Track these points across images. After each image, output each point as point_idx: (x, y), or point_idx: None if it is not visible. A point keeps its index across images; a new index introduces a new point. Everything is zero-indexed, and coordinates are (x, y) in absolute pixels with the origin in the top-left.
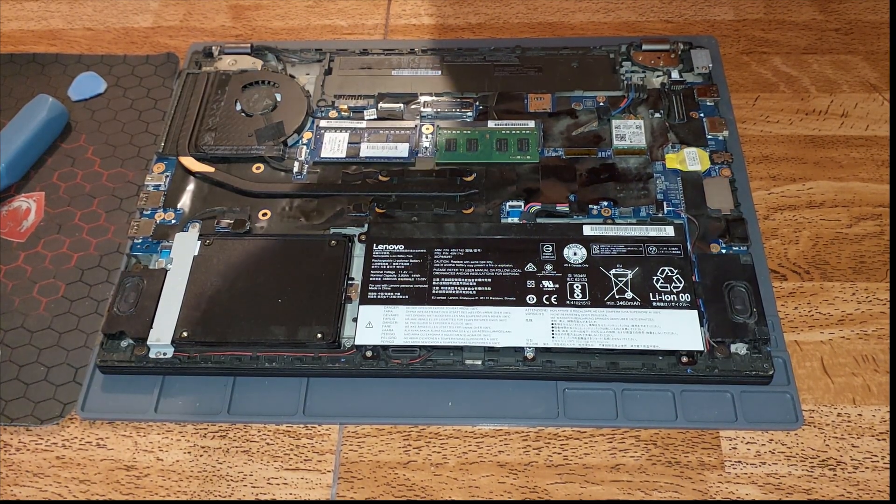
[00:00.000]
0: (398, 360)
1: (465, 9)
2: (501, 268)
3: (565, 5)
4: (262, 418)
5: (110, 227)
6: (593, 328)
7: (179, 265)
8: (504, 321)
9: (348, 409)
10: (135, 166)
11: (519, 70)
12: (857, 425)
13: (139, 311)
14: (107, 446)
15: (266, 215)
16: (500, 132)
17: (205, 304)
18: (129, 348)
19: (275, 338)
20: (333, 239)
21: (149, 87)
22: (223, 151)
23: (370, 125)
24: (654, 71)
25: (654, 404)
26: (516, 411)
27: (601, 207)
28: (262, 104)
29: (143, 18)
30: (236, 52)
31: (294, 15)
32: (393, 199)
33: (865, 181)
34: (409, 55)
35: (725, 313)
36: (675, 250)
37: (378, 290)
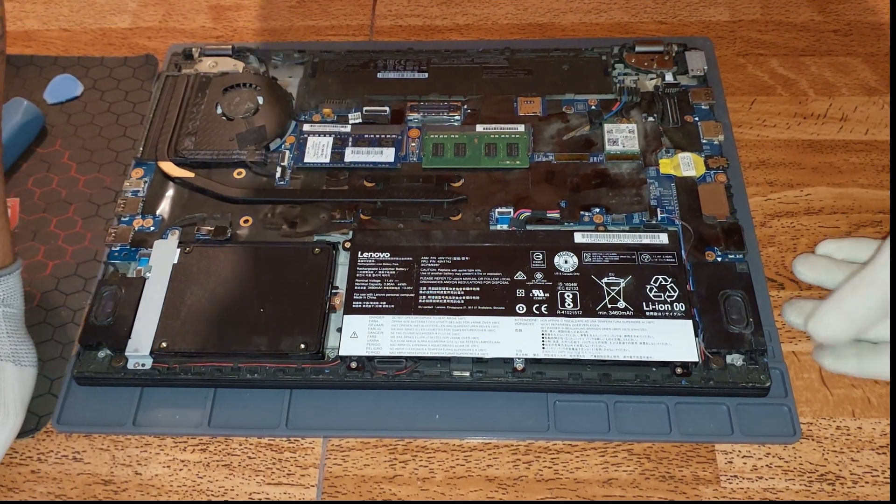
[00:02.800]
0: (384, 371)
1: (452, 9)
2: (490, 276)
3: (556, 6)
4: (243, 431)
5: (87, 234)
6: (585, 338)
7: (158, 273)
8: (493, 331)
9: (332, 421)
10: (112, 171)
11: (508, 72)
12: (856, 438)
13: (117, 321)
14: (83, 460)
15: (248, 222)
16: (488, 136)
17: (184, 314)
18: (106, 359)
19: (257, 348)
20: (317, 246)
21: (127, 89)
22: (203, 156)
23: (355, 129)
24: (647, 73)
25: (647, 417)
26: (505, 424)
27: (593, 214)
28: (243, 107)
29: (121, 19)
30: (217, 54)
31: (276, 15)
32: (378, 205)
33: (865, 187)
34: (395, 57)
35: (721, 323)
36: (669, 258)
37: (363, 299)
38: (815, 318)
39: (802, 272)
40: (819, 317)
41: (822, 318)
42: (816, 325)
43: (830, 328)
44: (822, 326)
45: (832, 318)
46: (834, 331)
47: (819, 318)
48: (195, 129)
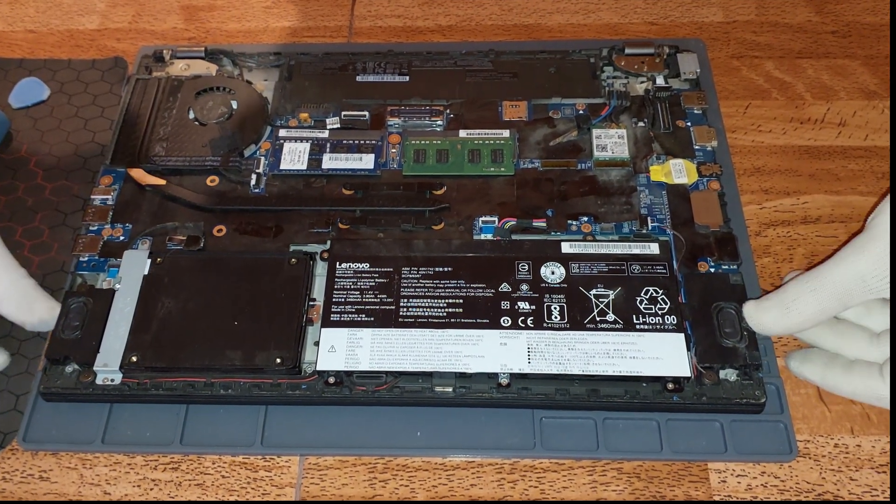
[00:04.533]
0: (363, 386)
1: (434, 10)
2: (474, 288)
3: (542, 6)
4: (216, 449)
5: (54, 244)
6: (572, 353)
7: (128, 285)
8: (476, 345)
9: (309, 439)
10: (80, 179)
11: (492, 75)
12: (855, 457)
13: (85, 335)
14: (50, 479)
15: (221, 231)
16: (472, 142)
17: (155, 327)
18: (74, 374)
19: (230, 363)
20: (293, 257)
21: (95, 93)
22: (175, 163)
23: (333, 135)
24: (637, 76)
25: (637, 434)
26: (490, 442)
27: (581, 223)
28: (216, 112)
29: (89, 20)
30: (189, 56)
31: (251, 16)
32: (357, 214)
33: (864, 195)
34: (375, 59)
35: (714, 337)
36: (660, 269)
37: (341, 311)
38: (755, 303)
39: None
40: (760, 303)
41: (762, 303)
42: (754, 310)
43: (766, 316)
44: (759, 311)
45: (770, 305)
46: (769, 320)
47: (760, 304)
48: (166, 134)
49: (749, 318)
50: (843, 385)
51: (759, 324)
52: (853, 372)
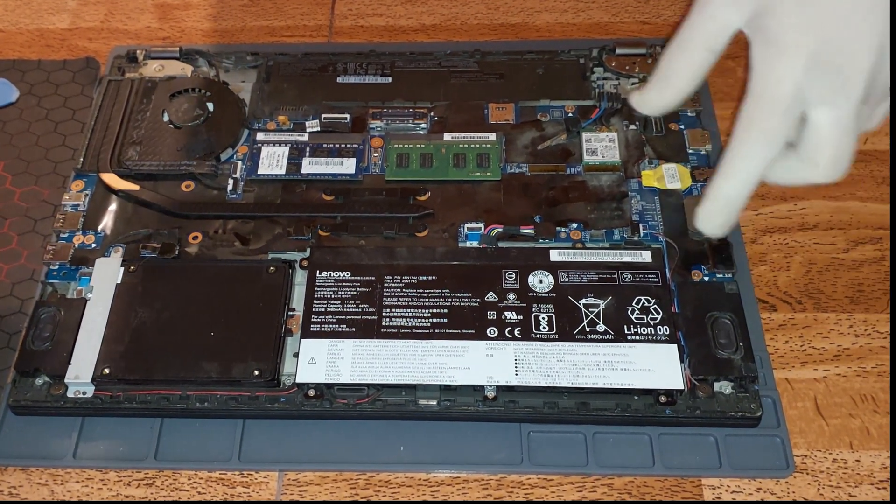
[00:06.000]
0: (344, 399)
1: (418, 8)
2: (459, 297)
3: (530, 5)
4: (192, 464)
5: (23, 252)
6: (561, 364)
7: (100, 294)
8: (462, 357)
9: (289, 454)
10: (51, 184)
11: (478, 77)
12: (854, 472)
13: (56, 346)
14: (20, 496)
15: (197, 239)
16: (457, 146)
17: (129, 338)
18: (44, 387)
19: (207, 375)
20: (272, 265)
21: (66, 95)
22: (149, 167)
23: (313, 138)
24: (628, 77)
25: (628, 449)
26: (476, 457)
27: (570, 230)
28: (192, 115)
29: (60, 19)
30: (163, 57)
31: (227, 15)
32: (338, 220)
33: (864, 200)
34: (356, 60)
35: (708, 348)
36: (652, 278)
37: (322, 321)
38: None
39: None
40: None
41: (642, 87)
42: (638, 95)
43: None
44: (642, 92)
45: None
46: (652, 96)
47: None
48: (140, 137)
49: (636, 106)
50: None
51: (642, 102)
52: None
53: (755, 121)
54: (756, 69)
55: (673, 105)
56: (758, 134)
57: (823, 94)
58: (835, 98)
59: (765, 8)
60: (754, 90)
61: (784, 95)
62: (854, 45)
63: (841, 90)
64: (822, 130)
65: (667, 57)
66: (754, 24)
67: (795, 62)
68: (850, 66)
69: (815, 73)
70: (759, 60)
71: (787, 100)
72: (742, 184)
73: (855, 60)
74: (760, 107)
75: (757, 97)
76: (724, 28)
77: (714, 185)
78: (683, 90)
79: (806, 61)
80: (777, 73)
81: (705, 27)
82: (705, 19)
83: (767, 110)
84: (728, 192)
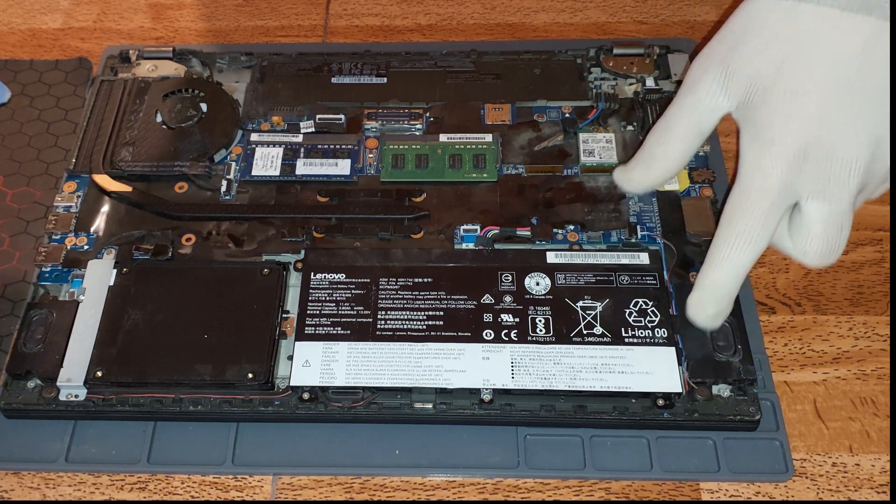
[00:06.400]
0: (339, 402)
1: (413, 8)
2: (455, 300)
3: (527, 4)
4: (185, 468)
5: (15, 254)
6: (558, 367)
7: (93, 296)
8: (458, 359)
9: (283, 457)
10: (43, 185)
11: (474, 77)
12: (854, 476)
13: (48, 348)
14: (11, 499)
15: (190, 240)
16: (453, 147)
17: (122, 340)
18: (36, 389)
19: (200, 378)
20: (266, 267)
21: (58, 95)
22: (142, 168)
23: (307, 139)
24: (626, 78)
25: (626, 452)
26: (472, 460)
27: (567, 232)
28: (185, 115)
29: (52, 18)
30: (156, 57)
31: (221, 15)
32: (333, 222)
33: (865, 201)
34: (351, 60)
35: (706, 350)
36: (650, 280)
37: (316, 324)
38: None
39: None
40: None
41: (628, 165)
42: (622, 171)
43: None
44: (627, 171)
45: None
46: (638, 175)
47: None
48: (133, 138)
49: (619, 182)
50: None
51: (626, 180)
52: None
53: (740, 213)
54: (744, 159)
55: (657, 184)
56: (743, 227)
57: (815, 189)
58: (826, 193)
59: (755, 97)
60: (742, 181)
61: (769, 191)
62: (847, 141)
63: (834, 186)
64: (813, 224)
65: (654, 137)
66: (743, 113)
67: (783, 158)
68: (843, 163)
69: (807, 168)
70: (747, 151)
71: (772, 196)
72: (729, 275)
73: (848, 157)
74: (746, 200)
75: (744, 189)
76: (712, 112)
77: (702, 274)
78: (669, 171)
79: (794, 157)
80: (764, 167)
81: (693, 111)
82: (694, 103)
83: (752, 206)
84: (715, 282)
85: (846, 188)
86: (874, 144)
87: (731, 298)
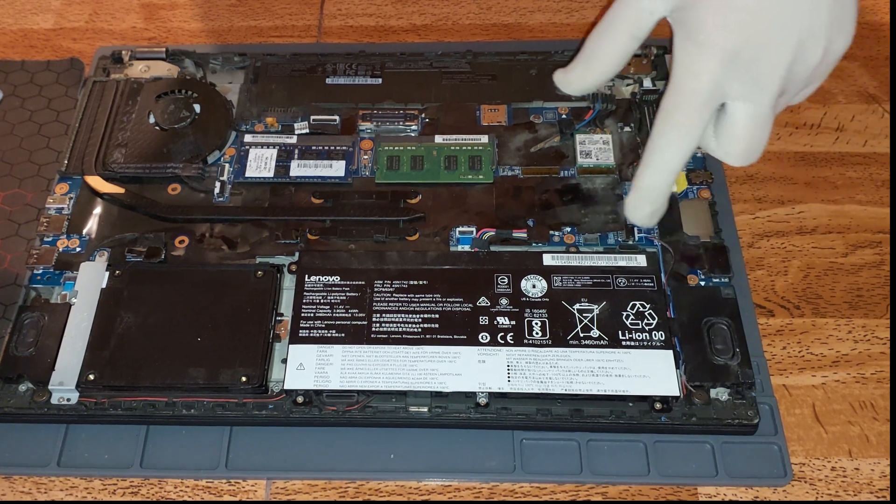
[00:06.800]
0: (333, 406)
1: (408, 8)
2: (450, 302)
3: (523, 4)
4: (179, 472)
5: (6, 256)
6: (555, 371)
7: (85, 299)
8: (453, 363)
9: (277, 462)
10: (34, 186)
11: (470, 78)
12: (853, 481)
13: (40, 351)
14: None
15: (183, 242)
16: (448, 148)
17: (114, 343)
18: (28, 393)
19: (193, 381)
20: (260, 269)
21: (50, 96)
22: (135, 170)
23: (301, 140)
24: (623, 79)
25: (623, 457)
26: (467, 464)
27: (563, 234)
28: (178, 116)
29: (44, 19)
30: (149, 58)
31: (214, 15)
32: (327, 224)
33: (863, 204)
34: (346, 60)
35: (704, 354)
36: (647, 282)
37: (310, 327)
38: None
39: None
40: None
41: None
42: (561, 74)
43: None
44: (566, 72)
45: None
46: (576, 76)
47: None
48: (125, 140)
49: (558, 83)
50: None
51: (566, 82)
52: None
53: (672, 114)
54: (677, 62)
55: (594, 87)
56: (675, 126)
57: (740, 90)
58: (751, 94)
59: (688, 1)
60: (674, 82)
61: (701, 91)
62: (771, 45)
63: (756, 87)
64: (737, 125)
65: (591, 40)
66: (678, 15)
67: (713, 59)
68: (766, 65)
69: (733, 70)
70: (679, 53)
71: (703, 95)
72: (662, 174)
73: (770, 60)
74: (678, 100)
75: (676, 90)
76: (648, 15)
77: (637, 176)
78: (605, 73)
79: (723, 59)
80: (695, 68)
81: (629, 13)
82: (629, 4)
83: (685, 104)
84: (649, 182)
85: (769, 90)
86: (795, 47)
87: (666, 197)
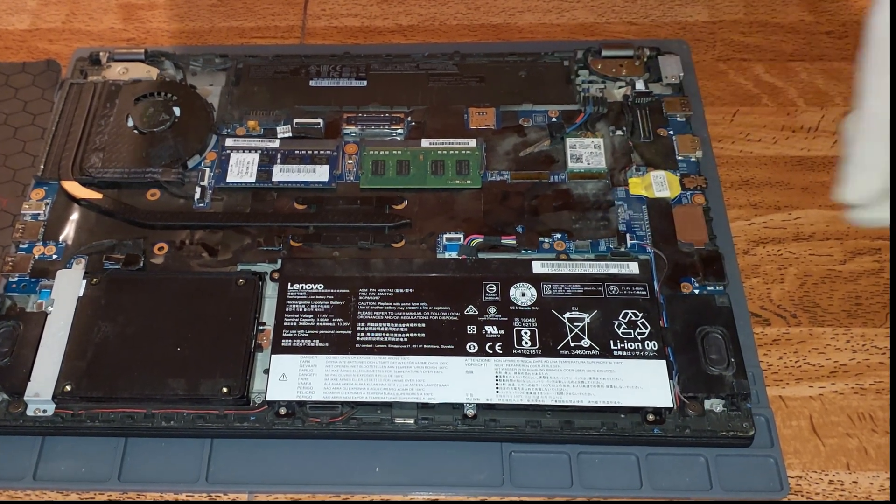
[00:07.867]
0: (317, 418)
1: (394, 8)
2: (437, 311)
3: (512, 4)
4: (158, 486)
5: None
6: (544, 381)
7: (62, 307)
8: (440, 373)
9: (259, 475)
10: (10, 192)
11: (458, 80)
12: (851, 494)
13: (15, 361)
14: None
15: (163, 249)
16: (435, 153)
17: (91, 353)
18: (2, 404)
19: (173, 392)
20: (241, 277)
21: (26, 99)
22: (113, 175)
23: (284, 144)
24: (615, 81)
25: (615, 470)
26: (455, 478)
27: (554, 240)
28: (157, 120)
29: (20, 19)
30: (128, 59)
31: (195, 15)
32: (311, 230)
33: None
34: (330, 62)
35: (698, 364)
36: (639, 290)
37: (293, 336)
38: None
39: None
40: None
41: None
42: None
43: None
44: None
45: None
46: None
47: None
48: (103, 144)
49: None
50: None
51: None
52: None
53: None
54: None
55: None
56: None
57: None
58: None
59: None
60: None
61: None
62: None
63: None
64: None
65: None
66: None
67: None
68: None
69: None
70: None
71: None
72: None
73: None
74: None
75: None
76: None
77: (854, 145)
78: None
79: None
80: None
81: None
82: None
83: None
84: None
85: None
86: None
87: None
